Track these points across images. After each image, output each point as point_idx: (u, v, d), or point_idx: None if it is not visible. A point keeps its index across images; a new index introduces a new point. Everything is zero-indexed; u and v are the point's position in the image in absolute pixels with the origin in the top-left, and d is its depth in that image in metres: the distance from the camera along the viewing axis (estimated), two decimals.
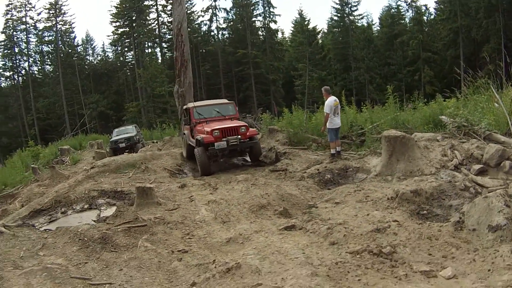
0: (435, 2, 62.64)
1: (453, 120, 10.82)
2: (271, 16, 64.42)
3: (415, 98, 15.72)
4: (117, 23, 63.73)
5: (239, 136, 13.28)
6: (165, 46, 66.46)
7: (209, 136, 13.10)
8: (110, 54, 70.53)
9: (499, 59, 38.25)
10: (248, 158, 15.26)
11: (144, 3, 62.98)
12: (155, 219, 7.61)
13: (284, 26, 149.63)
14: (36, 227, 8.78)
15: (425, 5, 65.62)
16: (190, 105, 15.84)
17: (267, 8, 64.05)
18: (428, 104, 14.98)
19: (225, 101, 17.00)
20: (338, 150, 11.95)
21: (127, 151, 22.93)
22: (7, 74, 64.48)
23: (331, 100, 11.86)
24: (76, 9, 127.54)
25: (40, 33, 62.96)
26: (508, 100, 10.45)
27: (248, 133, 13.70)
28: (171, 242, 6.67)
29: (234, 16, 64.92)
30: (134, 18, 61.94)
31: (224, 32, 66.82)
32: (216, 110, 15.25)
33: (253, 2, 64.20)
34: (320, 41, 64.59)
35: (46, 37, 63.68)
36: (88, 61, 70.04)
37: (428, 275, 4.62)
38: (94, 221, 8.79)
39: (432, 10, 66.68)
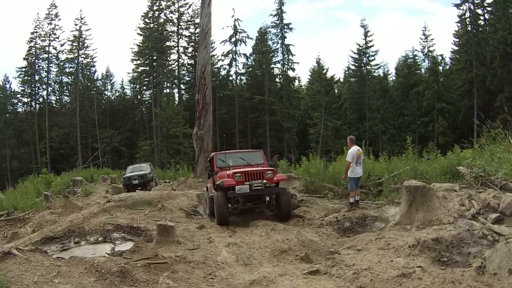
0: (451, 52, 63.09)
1: (471, 171, 10.93)
2: (290, 64, 65.27)
3: (429, 149, 15.90)
4: (138, 61, 64.88)
5: (265, 181, 11.80)
6: (183, 87, 67.73)
7: (230, 180, 11.73)
8: (128, 91, 71.64)
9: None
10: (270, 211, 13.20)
11: (166, 44, 64.22)
12: (176, 257, 7.65)
13: (301, 73, 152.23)
14: (49, 254, 8.75)
15: (441, 55, 65.99)
16: (214, 153, 14.47)
17: (286, 56, 64.88)
18: (444, 155, 15.11)
19: (252, 149, 16.36)
20: (357, 199, 12.04)
21: (139, 188, 23.14)
22: (25, 100, 65.93)
23: (354, 149, 12.08)
24: (99, 43, 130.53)
25: (61, 64, 64.30)
26: None
27: (275, 178, 12.27)
28: (193, 281, 6.68)
29: (253, 62, 65.93)
30: (155, 57, 63.01)
31: (242, 78, 67.65)
32: (242, 158, 13.80)
33: (272, 49, 65.27)
34: (336, 90, 65.14)
35: (67, 69, 65.07)
36: (106, 96, 71.14)
37: None
38: (108, 254, 8.81)
39: (447, 60, 67.29)
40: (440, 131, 54.63)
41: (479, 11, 56.90)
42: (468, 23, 56.81)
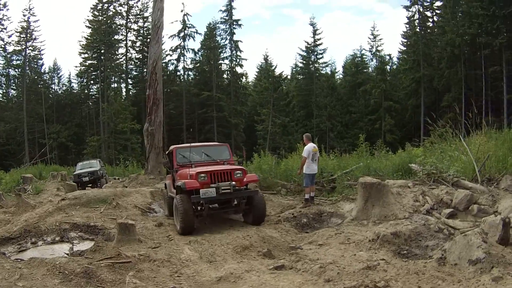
0: (398, 52, 65.19)
1: (423, 168, 11.41)
2: (238, 60, 65.46)
3: (378, 147, 16.45)
4: (86, 55, 63.59)
5: (234, 183, 10.25)
6: (130, 82, 66.65)
7: (193, 181, 10.09)
8: (76, 86, 69.72)
9: (460, 107, 39.88)
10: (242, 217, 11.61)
11: (114, 37, 63.19)
12: (139, 256, 7.59)
13: (249, 70, 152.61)
14: (7, 256, 8.56)
15: (389, 55, 67.91)
16: (172, 147, 12.65)
17: (234, 52, 65.09)
18: (393, 152, 15.67)
19: (217, 143, 14.38)
20: (312, 196, 12.25)
21: (90, 185, 22.78)
22: None
23: (310, 146, 12.22)
24: (46, 35, 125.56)
25: (8, 56, 61.46)
26: (475, 148, 11.12)
27: (245, 179, 10.72)
28: (160, 280, 6.64)
29: (201, 57, 65.60)
30: (102, 51, 61.87)
31: (190, 73, 67.28)
32: (206, 154, 12.31)
33: (221, 45, 65.29)
34: (284, 87, 65.85)
35: (14, 61, 62.46)
36: (53, 90, 68.88)
37: None
38: (68, 254, 8.64)
39: (395, 60, 69.27)
40: (387, 129, 56.14)
41: (428, 13, 59.22)
42: (416, 24, 58.95)
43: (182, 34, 63.60)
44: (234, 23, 65.03)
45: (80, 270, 6.74)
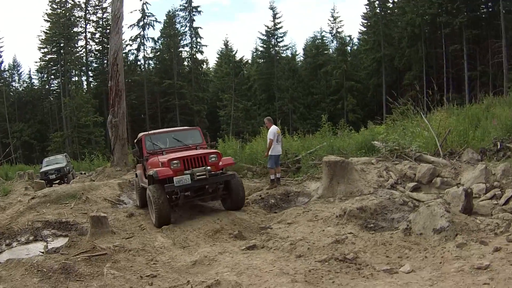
0: (359, 32, 65.95)
1: (386, 145, 11.77)
2: (198, 47, 65.24)
3: (341, 126, 16.82)
4: (45, 49, 62.21)
5: (209, 167, 9.75)
6: (91, 75, 65.56)
7: (165, 169, 9.50)
8: (36, 81, 68.21)
9: (421, 85, 40.80)
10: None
11: (74, 30, 62.03)
12: (114, 247, 7.67)
13: (209, 56, 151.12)
14: None
15: (349, 36, 68.63)
16: (141, 134, 12.05)
17: (194, 39, 64.78)
18: (356, 131, 16.04)
19: (188, 127, 13.37)
20: (278, 177, 12.45)
21: (57, 182, 22.53)
22: None
23: (274, 128, 12.39)
24: (5, 32, 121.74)
25: None
26: (436, 124, 11.54)
27: (221, 163, 10.22)
28: (137, 268, 6.75)
29: (161, 46, 65.08)
30: (62, 45, 60.64)
31: (150, 62, 66.76)
32: (176, 139, 11.62)
33: (181, 32, 64.80)
34: (245, 72, 65.81)
35: None
36: (13, 88, 67.29)
37: (391, 272, 5.30)
38: (43, 252, 8.65)
39: (355, 41, 70.01)
40: (350, 109, 56.75)
41: None
42: (377, 5, 59.85)
43: (141, 23, 63.06)
44: (194, 10, 64.66)
45: (58, 267, 6.75)
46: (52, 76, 65.15)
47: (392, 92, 22.80)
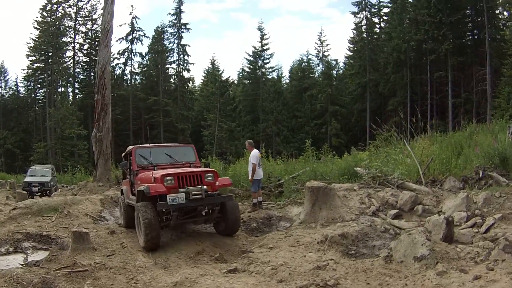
0: (345, 57, 66.62)
1: (368, 171, 11.92)
2: (185, 64, 65.36)
3: (324, 151, 16.98)
4: (33, 57, 61.70)
5: (205, 187, 9.13)
6: (78, 86, 65.22)
7: (158, 185, 8.89)
8: (23, 89, 67.52)
9: (405, 112, 41.29)
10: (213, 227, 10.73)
11: (62, 40, 61.76)
12: (95, 264, 7.65)
13: (195, 74, 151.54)
14: None
15: (336, 60, 69.40)
16: (131, 147, 11.39)
17: (182, 56, 64.92)
18: (340, 156, 16.19)
19: (181, 144, 13.39)
20: (260, 200, 12.54)
21: (38, 194, 22.36)
22: None
23: (256, 152, 12.52)
24: None
25: None
26: (419, 151, 11.72)
27: (217, 183, 9.66)
28: (117, 287, 6.74)
29: (148, 61, 65.13)
30: (50, 54, 60.30)
31: (137, 77, 66.64)
32: (169, 155, 10.97)
33: (169, 48, 64.89)
34: (231, 92, 66.16)
35: None
36: None
37: None
38: (22, 265, 8.53)
39: (341, 65, 70.45)
40: (333, 133, 57.04)
41: (376, 20, 60.94)
42: (364, 30, 60.43)
43: (130, 37, 63.09)
44: (183, 26, 65.00)
45: (37, 281, 6.71)
46: (39, 85, 64.76)
47: (376, 118, 23.10)
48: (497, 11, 47.13)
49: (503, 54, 41.85)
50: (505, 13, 47.06)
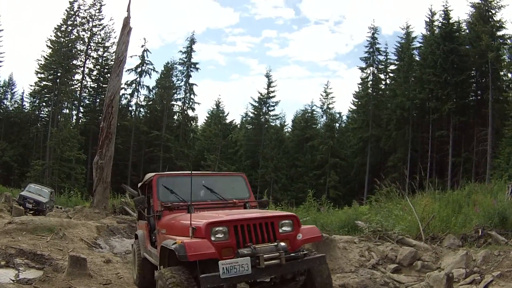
0: (349, 110, 67.09)
1: (369, 225, 11.95)
2: (191, 103, 66.11)
3: (322, 202, 17.03)
4: (42, 75, 61.95)
5: (283, 244, 5.64)
6: (82, 110, 65.79)
7: (201, 242, 5.42)
8: (28, 105, 67.58)
9: (404, 168, 41.48)
10: None
11: (73, 62, 62.39)
12: None
13: (199, 112, 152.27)
14: None
15: (339, 113, 70.18)
16: (151, 175, 7.98)
17: (188, 94, 65.78)
18: (338, 208, 16.25)
19: (228, 172, 8.63)
20: None
21: (31, 212, 22.23)
22: None
23: None
24: (6, 47, 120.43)
25: None
26: (420, 208, 11.77)
27: (300, 236, 6.04)
28: None
29: (155, 95, 65.70)
30: (59, 74, 60.63)
31: (141, 110, 67.12)
32: (210, 189, 7.59)
33: (176, 85, 65.72)
34: (233, 135, 66.55)
35: None
36: (3, 105, 66.92)
37: None
38: (13, 280, 8.40)
39: (344, 118, 71.28)
40: (331, 185, 57.00)
41: (382, 76, 62.01)
42: (369, 86, 61.25)
43: (139, 69, 63.83)
44: (192, 65, 66.11)
45: None
46: (44, 103, 64.81)
47: (375, 173, 23.22)
48: (502, 73, 47.92)
49: (505, 116, 42.56)
50: (509, 75, 48.03)
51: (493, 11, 46.47)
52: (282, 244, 5.60)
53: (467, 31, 50.51)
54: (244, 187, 8.16)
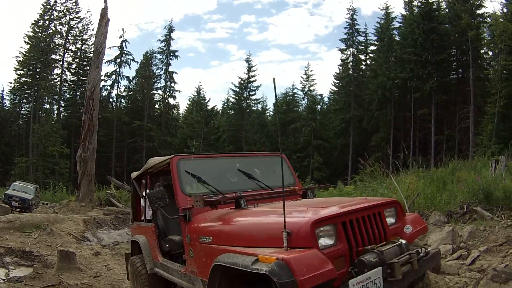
0: (330, 92, 67.00)
1: None
2: (171, 91, 65.70)
3: (307, 183, 17.11)
4: (21, 72, 61.13)
5: (404, 241, 4.07)
6: (63, 105, 65.00)
7: (310, 254, 3.29)
8: (8, 103, 66.68)
9: (388, 147, 41.77)
10: None
11: (52, 57, 61.60)
12: (82, 284, 7.60)
13: (180, 101, 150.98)
14: None
15: (321, 95, 69.75)
16: (162, 159, 6.05)
17: (168, 83, 65.27)
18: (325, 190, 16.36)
19: (267, 152, 8.59)
20: None
21: (18, 210, 22.10)
22: None
23: None
24: None
25: None
26: (405, 186, 11.89)
27: (410, 228, 4.69)
28: None
29: (135, 85, 65.18)
30: (38, 70, 59.87)
31: (122, 101, 66.62)
32: (246, 174, 5.70)
33: (156, 74, 65.19)
34: (215, 122, 66.33)
35: None
36: None
37: None
38: (4, 280, 8.41)
39: (326, 99, 70.74)
40: (315, 166, 56.82)
41: (362, 57, 61.89)
42: (350, 67, 61.25)
43: (118, 60, 63.18)
44: (171, 54, 65.52)
45: None
46: (24, 100, 64.00)
47: (359, 153, 23.43)
48: (482, 51, 48.46)
49: (487, 93, 42.89)
50: (490, 52, 48.41)
51: None
52: (404, 241, 4.06)
53: (447, 10, 50.76)
54: (286, 170, 6.14)
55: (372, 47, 60.62)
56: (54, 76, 63.25)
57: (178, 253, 5.47)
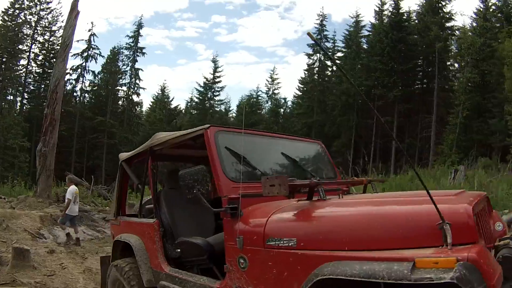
0: (294, 96, 67.24)
1: None
2: (136, 88, 64.76)
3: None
4: None
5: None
6: (26, 97, 63.04)
7: (487, 253, 2.56)
8: None
9: (348, 153, 42.35)
10: None
11: (19, 47, 59.69)
12: (35, 283, 7.54)
13: (143, 98, 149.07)
14: None
15: (284, 98, 70.20)
16: (205, 128, 4.36)
17: (133, 79, 64.31)
18: None
19: (306, 138, 6.56)
20: (78, 237, 12.95)
21: None
22: None
23: (73, 188, 13.16)
24: None
25: None
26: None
27: (503, 228, 3.66)
28: None
29: (100, 81, 64.00)
30: (4, 60, 58.03)
31: (86, 95, 65.41)
32: (290, 158, 5.01)
33: (121, 70, 64.24)
34: (178, 121, 66.07)
35: None
36: None
37: None
38: None
39: (289, 103, 70.93)
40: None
41: (328, 63, 61.90)
42: (315, 72, 61.87)
43: (85, 54, 61.97)
44: (138, 50, 64.64)
45: None
46: None
47: None
48: (448, 63, 50.23)
49: (450, 104, 44.22)
50: (456, 65, 50.22)
51: (443, 3, 48.46)
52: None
53: (416, 21, 52.13)
54: (326, 160, 5.78)
55: (340, 54, 61.28)
56: (20, 67, 61.31)
57: (190, 261, 4.47)
